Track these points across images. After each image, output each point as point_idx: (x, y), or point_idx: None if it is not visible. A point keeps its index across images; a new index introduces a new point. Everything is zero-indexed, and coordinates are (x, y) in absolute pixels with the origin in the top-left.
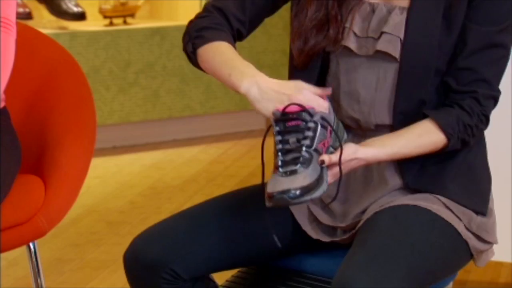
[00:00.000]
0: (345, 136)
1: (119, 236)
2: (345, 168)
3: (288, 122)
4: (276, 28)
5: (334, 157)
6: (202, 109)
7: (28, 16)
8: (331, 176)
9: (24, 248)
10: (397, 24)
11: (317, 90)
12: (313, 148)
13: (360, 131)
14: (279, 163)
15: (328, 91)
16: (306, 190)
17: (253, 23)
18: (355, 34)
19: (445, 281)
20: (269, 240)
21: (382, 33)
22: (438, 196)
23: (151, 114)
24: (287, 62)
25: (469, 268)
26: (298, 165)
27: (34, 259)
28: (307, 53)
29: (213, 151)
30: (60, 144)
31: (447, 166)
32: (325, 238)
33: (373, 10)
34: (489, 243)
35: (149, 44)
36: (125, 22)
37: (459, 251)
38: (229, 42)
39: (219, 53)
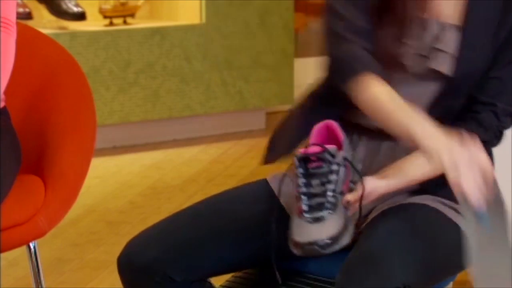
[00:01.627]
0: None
1: (119, 236)
2: (366, 200)
3: (310, 163)
4: (276, 28)
5: (357, 195)
6: (202, 109)
7: (28, 16)
8: (352, 210)
9: (24, 248)
10: (449, 42)
11: None
12: (338, 192)
13: (378, 135)
14: (305, 207)
15: None
16: (335, 239)
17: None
18: (409, 51)
19: (445, 281)
20: (268, 242)
21: (434, 50)
22: (445, 200)
23: (151, 114)
24: (287, 62)
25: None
26: (325, 211)
27: (34, 259)
28: None
29: (213, 151)
30: (60, 144)
31: None
32: None
33: (425, 27)
34: None
35: (149, 44)
36: (125, 22)
37: (463, 253)
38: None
39: (383, 102)
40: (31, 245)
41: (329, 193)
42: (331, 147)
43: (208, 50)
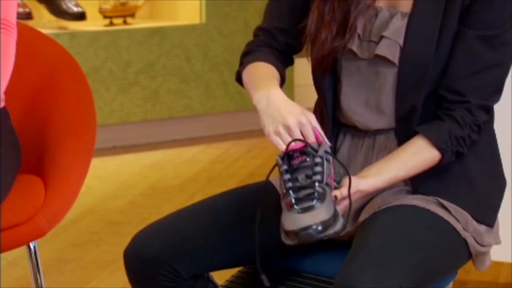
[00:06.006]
0: (341, 170)
1: (119, 236)
2: (352, 198)
3: (293, 160)
4: None
5: (344, 191)
6: (202, 109)
7: (28, 16)
8: (340, 210)
9: (24, 248)
10: (397, 30)
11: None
12: (324, 182)
13: (362, 132)
14: (293, 200)
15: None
16: (327, 224)
17: (299, 29)
18: (358, 36)
19: (445, 281)
20: (269, 238)
21: (382, 37)
22: (438, 198)
23: (151, 114)
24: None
25: (469, 268)
26: (314, 201)
27: (34, 259)
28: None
29: (213, 151)
30: (60, 144)
31: (452, 172)
32: None
33: (376, 14)
34: (486, 246)
35: (149, 44)
36: (125, 22)
37: (458, 249)
38: (265, 60)
39: (250, 74)
40: (31, 245)
41: (317, 184)
42: (312, 142)
43: (208, 50)
